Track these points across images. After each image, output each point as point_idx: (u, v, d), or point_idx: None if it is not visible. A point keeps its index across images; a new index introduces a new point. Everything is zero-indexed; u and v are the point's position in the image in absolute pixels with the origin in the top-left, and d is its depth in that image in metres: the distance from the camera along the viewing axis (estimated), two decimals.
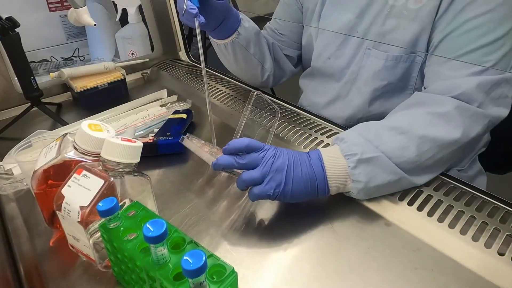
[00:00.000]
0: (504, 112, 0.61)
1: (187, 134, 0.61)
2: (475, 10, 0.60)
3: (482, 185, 0.85)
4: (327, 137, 0.72)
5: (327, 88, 0.84)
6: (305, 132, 0.74)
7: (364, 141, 0.55)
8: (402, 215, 0.55)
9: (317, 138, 0.72)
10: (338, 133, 0.72)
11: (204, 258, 0.33)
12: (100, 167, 0.46)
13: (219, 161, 0.53)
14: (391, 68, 0.71)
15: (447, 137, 0.56)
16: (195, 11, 0.61)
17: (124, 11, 1.18)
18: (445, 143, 0.56)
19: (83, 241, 0.46)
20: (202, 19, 0.62)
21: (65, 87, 1.00)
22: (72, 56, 1.26)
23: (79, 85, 0.92)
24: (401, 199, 0.56)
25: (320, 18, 0.81)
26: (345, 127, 0.74)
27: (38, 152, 0.53)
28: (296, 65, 0.96)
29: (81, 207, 0.43)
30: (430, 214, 0.54)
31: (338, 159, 0.54)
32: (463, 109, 0.57)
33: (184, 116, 0.80)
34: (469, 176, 0.81)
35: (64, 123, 0.84)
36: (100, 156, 0.46)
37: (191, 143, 0.60)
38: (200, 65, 0.65)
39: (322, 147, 0.69)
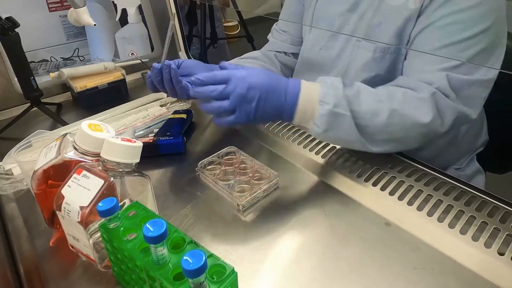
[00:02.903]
0: (473, 114, 0.62)
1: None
2: (454, 6, 0.60)
3: (480, 184, 0.85)
4: None
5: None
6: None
7: (343, 95, 0.57)
8: (402, 215, 0.55)
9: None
10: None
11: (204, 258, 0.33)
12: (100, 167, 0.46)
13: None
14: (379, 59, 0.71)
15: (417, 119, 0.58)
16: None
17: (124, 11, 1.18)
18: (413, 123, 0.59)
19: (83, 241, 0.46)
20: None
21: (65, 87, 1.00)
22: (72, 56, 1.26)
23: (79, 85, 0.92)
24: (401, 199, 0.56)
25: (315, 9, 0.82)
26: None
27: (38, 152, 0.53)
28: None
29: (81, 207, 0.43)
30: (430, 214, 0.54)
31: (312, 101, 0.57)
32: (438, 97, 0.60)
33: (184, 116, 0.80)
34: (467, 175, 0.81)
35: (64, 123, 0.84)
36: (100, 156, 0.46)
37: None
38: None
39: (316, 144, 0.69)
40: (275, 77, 0.58)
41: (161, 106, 0.90)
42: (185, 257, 0.33)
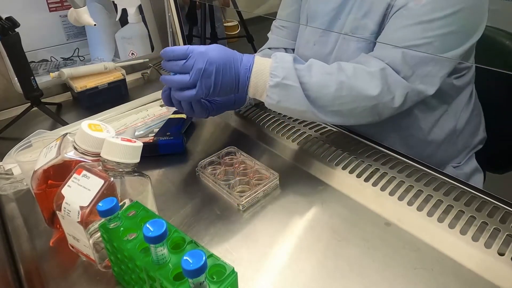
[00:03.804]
0: (430, 90, 0.65)
1: None
2: None
3: (479, 183, 0.85)
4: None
5: None
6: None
7: (292, 67, 0.60)
8: (402, 215, 0.55)
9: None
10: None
11: (204, 258, 0.33)
12: (100, 167, 0.46)
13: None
14: (365, 49, 0.72)
15: (365, 91, 0.61)
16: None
17: (124, 11, 1.17)
18: (361, 96, 0.61)
19: (83, 241, 0.46)
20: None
21: (65, 87, 1.00)
22: (72, 56, 1.25)
23: (79, 85, 0.92)
24: (401, 199, 0.56)
25: (308, 5, 0.82)
26: None
27: (38, 152, 0.53)
28: None
29: (81, 207, 0.43)
30: (430, 214, 0.54)
31: (263, 74, 0.60)
32: (387, 72, 0.62)
33: (184, 116, 0.80)
34: (466, 174, 0.81)
35: (64, 123, 0.84)
36: (100, 156, 0.46)
37: None
38: None
39: (315, 144, 0.69)
40: (231, 52, 0.60)
41: (161, 106, 0.90)
42: (185, 257, 0.33)
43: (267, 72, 0.60)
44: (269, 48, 0.92)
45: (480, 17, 0.65)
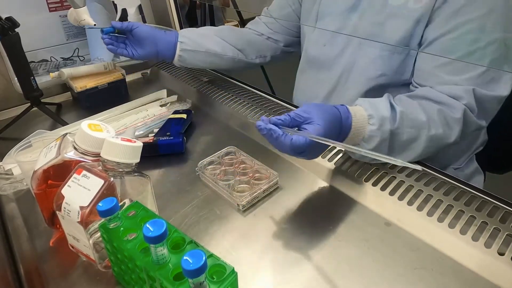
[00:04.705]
0: (485, 124, 0.65)
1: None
2: (470, 14, 0.60)
3: (479, 184, 0.85)
4: None
5: (322, 79, 0.83)
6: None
7: (388, 131, 0.56)
8: (402, 215, 0.55)
9: None
10: None
11: (204, 258, 0.33)
12: (100, 167, 0.46)
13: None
14: (387, 58, 0.71)
15: (448, 140, 0.60)
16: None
17: (124, 11, 1.18)
18: (443, 144, 0.61)
19: (83, 241, 0.46)
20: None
21: (65, 87, 1.00)
22: (72, 56, 1.26)
23: (79, 85, 0.92)
24: (401, 199, 0.56)
25: (320, 5, 0.81)
26: None
27: (38, 152, 0.53)
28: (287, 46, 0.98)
29: (81, 207, 0.43)
30: (430, 214, 0.54)
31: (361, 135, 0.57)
32: (467, 115, 0.61)
33: (184, 116, 0.80)
34: (466, 175, 0.81)
35: (64, 123, 0.84)
36: (100, 156, 0.46)
37: None
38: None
39: None
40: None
41: (161, 106, 0.90)
42: (185, 257, 0.33)
43: (365, 137, 0.56)
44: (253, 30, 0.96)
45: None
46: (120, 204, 0.43)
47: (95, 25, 0.87)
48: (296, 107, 0.84)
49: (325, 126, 0.51)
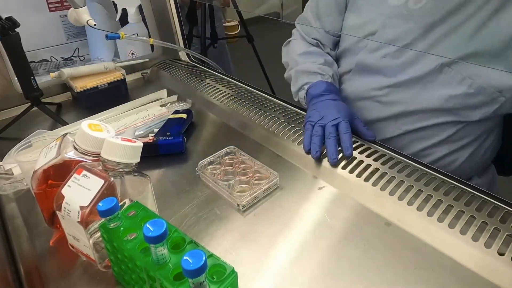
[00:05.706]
0: None
1: None
2: None
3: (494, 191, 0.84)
4: None
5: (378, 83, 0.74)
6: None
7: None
8: (402, 215, 0.55)
9: None
10: None
11: (204, 258, 0.33)
12: (100, 167, 0.46)
13: None
14: (469, 96, 0.60)
15: None
16: None
17: (124, 11, 1.18)
18: None
19: (83, 241, 0.46)
20: None
21: (65, 87, 1.00)
22: (72, 56, 1.26)
23: (79, 85, 0.92)
24: (401, 199, 0.56)
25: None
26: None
27: (38, 152, 0.53)
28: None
29: (81, 207, 0.43)
30: (430, 214, 0.54)
31: None
32: None
33: (184, 116, 0.80)
34: (486, 182, 0.80)
35: (64, 123, 0.84)
36: (100, 156, 0.46)
37: None
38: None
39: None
40: None
41: (161, 106, 0.90)
42: (185, 257, 0.33)
43: None
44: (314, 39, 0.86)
45: None
46: (120, 204, 0.43)
47: (95, 25, 0.87)
48: (296, 107, 0.84)
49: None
